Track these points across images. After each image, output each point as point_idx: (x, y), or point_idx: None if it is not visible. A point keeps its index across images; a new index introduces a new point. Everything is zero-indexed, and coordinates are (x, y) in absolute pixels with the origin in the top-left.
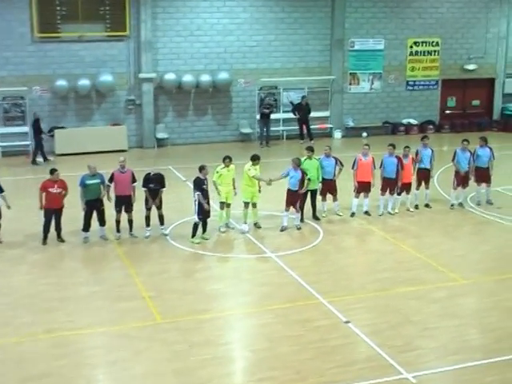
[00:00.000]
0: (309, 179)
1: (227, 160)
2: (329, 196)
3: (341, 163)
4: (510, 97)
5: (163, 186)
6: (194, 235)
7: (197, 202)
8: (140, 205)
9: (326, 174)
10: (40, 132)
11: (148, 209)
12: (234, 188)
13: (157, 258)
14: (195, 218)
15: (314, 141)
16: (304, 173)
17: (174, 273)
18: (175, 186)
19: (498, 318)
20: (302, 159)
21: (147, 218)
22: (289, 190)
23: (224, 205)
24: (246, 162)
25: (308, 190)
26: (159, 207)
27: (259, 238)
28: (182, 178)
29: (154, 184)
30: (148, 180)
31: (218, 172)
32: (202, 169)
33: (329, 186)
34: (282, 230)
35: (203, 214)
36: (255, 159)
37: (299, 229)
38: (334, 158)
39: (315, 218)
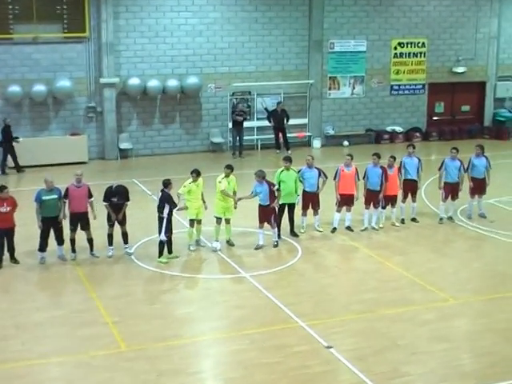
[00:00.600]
0: (278, 189)
1: (194, 174)
2: (309, 210)
3: (324, 175)
4: (502, 101)
5: (127, 200)
6: (161, 254)
7: (165, 219)
8: (101, 221)
9: (309, 187)
10: (10, 139)
11: (110, 225)
12: (204, 202)
13: (120, 279)
14: (162, 237)
15: (292, 150)
16: (270, 184)
17: (140, 296)
18: (140, 201)
19: (491, 341)
20: (279, 171)
21: (110, 236)
22: (260, 206)
23: (194, 222)
24: (217, 174)
25: (285, 204)
26: (123, 223)
27: (232, 256)
28: (148, 192)
29: (117, 197)
30: (110, 193)
31: (185, 186)
32: (167, 184)
33: (311, 200)
34: (256, 249)
35: (170, 230)
36: (227, 169)
37: (276, 246)
38: (316, 168)
39: (293, 234)
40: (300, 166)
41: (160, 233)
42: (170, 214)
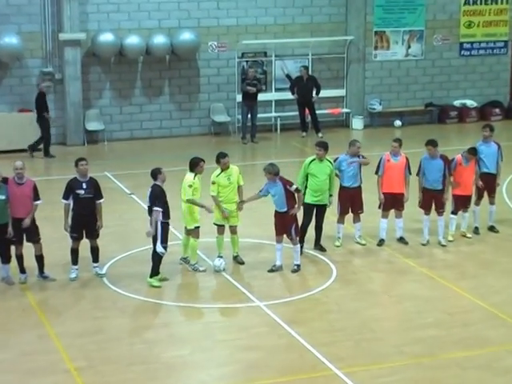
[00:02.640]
0: (298, 190)
1: (223, 159)
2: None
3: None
4: None
5: (100, 197)
6: (155, 273)
7: (159, 224)
8: (59, 232)
9: (348, 181)
10: (42, 111)
11: (75, 238)
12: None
13: (88, 309)
14: (158, 248)
15: (323, 133)
16: (286, 183)
17: (115, 332)
18: (115, 202)
19: None
20: (308, 160)
21: (73, 252)
22: (276, 213)
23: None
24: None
25: (312, 205)
26: (93, 234)
27: (242, 278)
28: (126, 190)
29: (85, 190)
30: (74, 186)
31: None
32: (157, 173)
33: (351, 199)
34: (272, 271)
35: (167, 240)
36: (221, 158)
37: (296, 271)
38: (361, 157)
39: (319, 247)
40: (334, 155)
41: (155, 243)
42: (166, 216)
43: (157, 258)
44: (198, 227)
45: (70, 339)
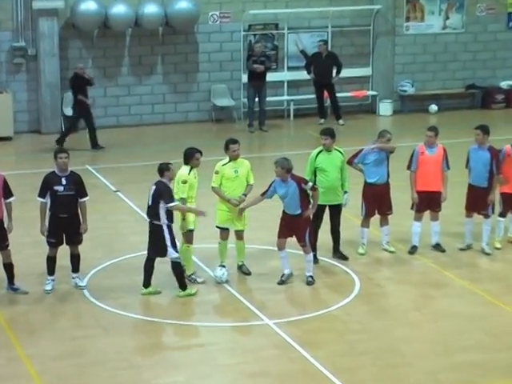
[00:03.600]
0: (314, 187)
1: (233, 146)
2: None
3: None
4: None
5: (84, 194)
6: (184, 286)
7: (166, 228)
8: (34, 236)
9: (374, 176)
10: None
11: (52, 243)
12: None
13: (66, 328)
14: (172, 254)
15: (344, 120)
16: (300, 181)
17: (98, 355)
18: (98, 201)
19: None
20: (314, 153)
21: (50, 260)
22: (285, 215)
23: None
24: (222, 158)
25: (323, 206)
26: (74, 239)
27: (248, 291)
28: (112, 188)
29: (65, 186)
30: (51, 182)
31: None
32: (165, 169)
33: (378, 199)
34: (282, 282)
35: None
36: (230, 144)
37: (311, 283)
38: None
39: (339, 255)
40: (357, 146)
41: (165, 250)
42: (171, 219)
43: (178, 267)
44: (192, 230)
45: (44, 363)
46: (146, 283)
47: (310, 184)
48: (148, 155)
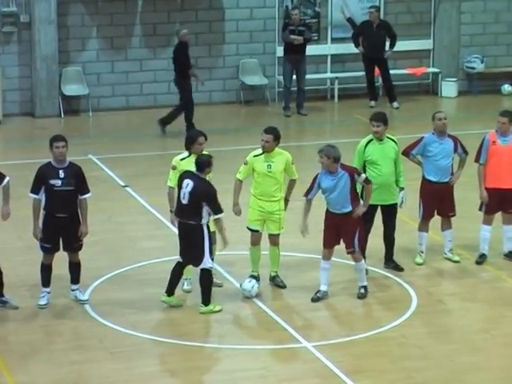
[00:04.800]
0: (367, 180)
1: (270, 136)
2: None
3: (463, 149)
4: None
5: (85, 190)
6: (208, 301)
7: (205, 229)
8: (26, 239)
9: (437, 172)
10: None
11: (47, 249)
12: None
13: (64, 350)
14: (207, 263)
15: (400, 103)
16: (352, 172)
17: (101, 382)
18: (103, 198)
19: None
20: (363, 142)
21: (45, 269)
22: (330, 215)
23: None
24: (253, 147)
25: (375, 206)
26: (73, 245)
27: (283, 308)
28: (119, 182)
29: (63, 180)
30: (47, 175)
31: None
32: (205, 164)
33: (439, 198)
34: (318, 299)
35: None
36: (268, 135)
37: (363, 297)
38: (451, 137)
39: (392, 265)
40: (412, 135)
41: (202, 255)
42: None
43: (208, 277)
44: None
45: None
46: (170, 290)
47: (364, 176)
48: (163, 143)
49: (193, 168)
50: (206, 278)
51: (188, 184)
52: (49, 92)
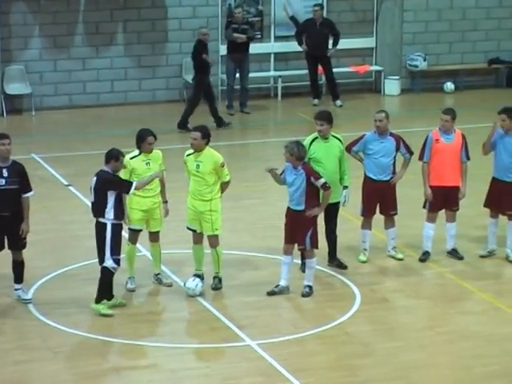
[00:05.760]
0: (326, 186)
1: (202, 129)
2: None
3: (407, 149)
4: None
5: (28, 188)
6: (103, 297)
7: (109, 227)
8: None
9: (376, 171)
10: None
11: None
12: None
13: (7, 350)
14: (107, 261)
15: (343, 99)
16: (311, 172)
17: (45, 383)
18: (46, 197)
19: None
20: (308, 140)
21: None
22: (289, 212)
23: (136, 234)
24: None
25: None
26: (15, 243)
27: (227, 307)
28: (62, 181)
29: (6, 179)
30: None
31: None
32: (112, 158)
33: (380, 196)
34: (273, 293)
35: (120, 250)
36: (198, 130)
37: (307, 295)
38: (393, 136)
39: (335, 263)
40: (355, 132)
41: (103, 254)
42: (119, 215)
43: (106, 276)
44: (133, 230)
45: None
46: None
47: (322, 180)
48: (107, 142)
49: (143, 166)
50: (103, 275)
51: (92, 180)
52: None
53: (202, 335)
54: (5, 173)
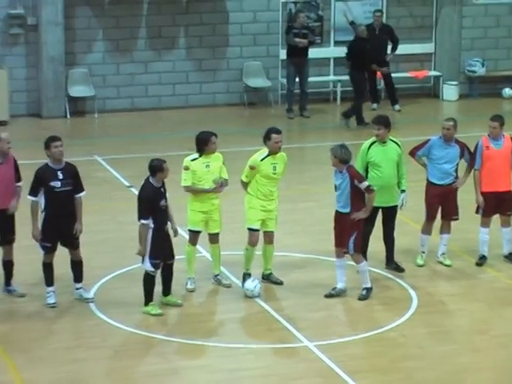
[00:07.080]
0: (370, 188)
1: (277, 133)
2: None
3: (471, 155)
4: None
5: (81, 189)
6: (149, 300)
7: (151, 232)
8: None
9: (439, 175)
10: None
11: (48, 248)
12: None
13: (67, 348)
14: (146, 265)
15: (401, 105)
16: (354, 176)
17: (103, 381)
18: (108, 198)
19: None
20: (366, 145)
21: (47, 268)
22: (337, 214)
23: (196, 236)
24: (257, 149)
25: (376, 209)
26: (73, 243)
27: (284, 308)
28: (124, 183)
29: (62, 181)
30: (46, 177)
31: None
32: (156, 168)
33: (443, 201)
34: (331, 295)
35: (159, 254)
36: (273, 133)
37: (364, 298)
38: (458, 143)
39: (393, 266)
40: (417, 137)
41: (143, 258)
42: (162, 222)
43: (145, 278)
44: (190, 231)
45: None
46: (163, 292)
47: (366, 183)
48: (167, 144)
49: (203, 169)
50: (143, 278)
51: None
52: (55, 93)
53: (260, 336)
54: (60, 175)
